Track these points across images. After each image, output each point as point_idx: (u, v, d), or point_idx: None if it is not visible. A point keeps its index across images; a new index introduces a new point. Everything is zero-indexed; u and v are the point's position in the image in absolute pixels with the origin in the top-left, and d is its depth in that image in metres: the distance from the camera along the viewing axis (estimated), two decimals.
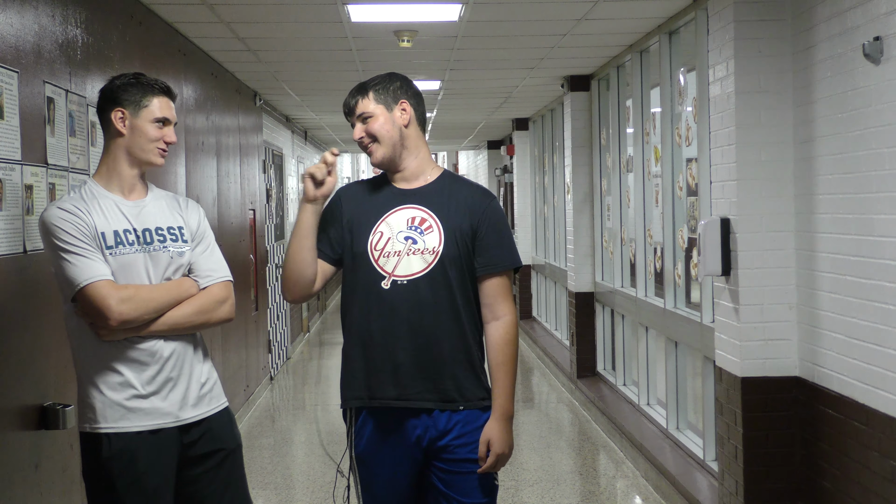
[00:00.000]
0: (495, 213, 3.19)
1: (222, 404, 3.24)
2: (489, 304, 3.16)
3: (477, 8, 5.96)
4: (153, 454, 3.05)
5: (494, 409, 3.14)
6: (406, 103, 3.20)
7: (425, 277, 3.10)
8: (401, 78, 3.25)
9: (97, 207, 3.06)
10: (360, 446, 3.17)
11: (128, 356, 3.04)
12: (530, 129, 13.26)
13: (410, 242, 3.12)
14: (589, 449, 7.33)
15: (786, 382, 4.92)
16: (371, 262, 3.12)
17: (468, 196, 3.19)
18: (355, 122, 3.21)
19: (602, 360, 9.12)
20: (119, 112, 3.11)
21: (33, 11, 3.99)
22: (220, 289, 3.20)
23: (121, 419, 3.03)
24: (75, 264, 2.97)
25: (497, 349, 3.14)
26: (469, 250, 3.14)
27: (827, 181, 4.55)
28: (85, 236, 3.00)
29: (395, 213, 3.17)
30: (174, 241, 3.15)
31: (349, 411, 3.19)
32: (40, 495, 3.88)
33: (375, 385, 3.11)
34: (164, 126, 3.15)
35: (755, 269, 4.93)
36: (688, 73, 6.35)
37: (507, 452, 3.14)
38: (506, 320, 3.15)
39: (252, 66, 7.92)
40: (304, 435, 7.95)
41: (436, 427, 3.12)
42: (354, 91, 3.22)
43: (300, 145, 13.74)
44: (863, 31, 4.13)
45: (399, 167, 3.21)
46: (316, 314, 15.15)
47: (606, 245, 8.85)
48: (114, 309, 2.95)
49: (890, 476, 4.01)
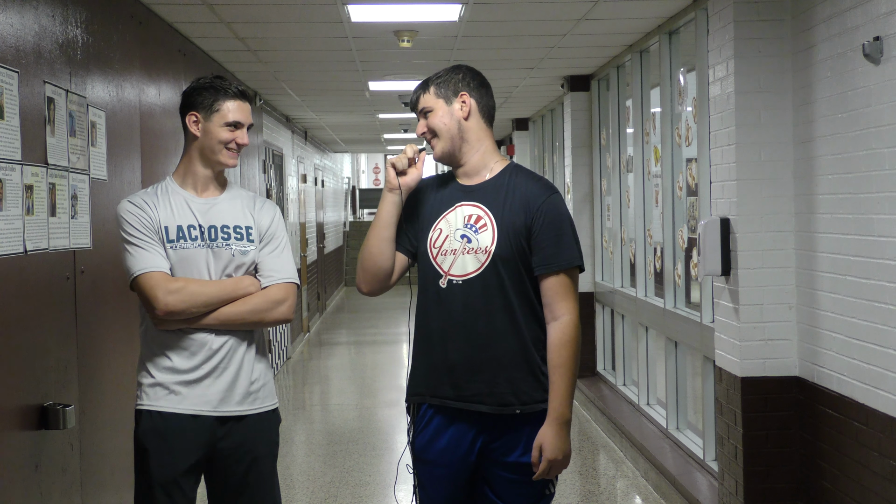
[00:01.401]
0: (553, 209, 3.03)
1: (268, 406, 3.31)
2: (548, 304, 3.02)
3: (477, 8, 5.97)
4: (187, 438, 3.18)
5: (549, 413, 3.00)
6: (466, 95, 3.11)
7: (479, 278, 3.02)
8: (465, 69, 3.16)
9: (167, 203, 3.23)
10: (420, 443, 3.12)
11: (179, 344, 3.19)
12: (530, 129, 13.27)
13: (465, 241, 3.05)
14: (589, 449, 7.33)
15: (786, 382, 4.93)
16: (430, 259, 3.08)
17: (526, 191, 3.06)
18: (419, 117, 3.16)
19: (602, 359, 9.12)
20: (193, 116, 3.25)
21: (33, 11, 3.99)
22: (279, 290, 3.27)
23: (162, 399, 3.19)
24: (133, 255, 3.16)
25: (554, 350, 3.00)
26: (524, 248, 3.02)
27: (827, 181, 4.55)
28: (147, 229, 3.17)
29: (455, 209, 3.10)
30: (239, 240, 3.25)
31: (412, 407, 3.16)
32: (40, 495, 3.87)
33: (435, 383, 3.07)
34: (235, 129, 3.25)
35: (755, 269, 4.93)
36: (688, 73, 6.36)
37: (560, 458, 3.00)
38: (564, 320, 3.00)
39: (252, 66, 7.92)
40: (304, 435, 7.95)
41: (491, 430, 3.05)
42: (418, 87, 3.17)
43: (300, 145, 13.74)
44: (863, 32, 4.13)
45: (460, 161, 3.13)
46: (316, 314, 15.15)
47: (606, 245, 8.85)
48: (160, 299, 3.10)
49: (890, 476, 4.01)
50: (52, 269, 4.06)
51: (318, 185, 16.43)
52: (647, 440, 6.64)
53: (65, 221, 4.15)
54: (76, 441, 4.24)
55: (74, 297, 4.30)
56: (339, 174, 20.83)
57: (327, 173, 18.46)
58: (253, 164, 9.39)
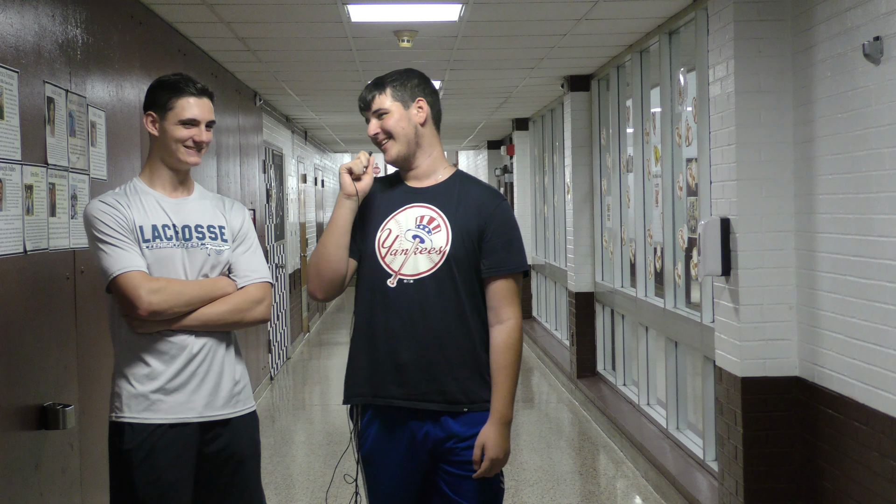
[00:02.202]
0: (503, 215, 3.13)
1: (249, 408, 3.26)
2: (494, 307, 3.10)
3: (477, 8, 5.96)
4: (173, 449, 3.09)
5: (492, 414, 3.06)
6: (423, 101, 3.16)
7: (431, 277, 3.06)
8: (418, 75, 3.20)
9: (138, 203, 3.15)
10: (365, 447, 3.14)
11: (157, 348, 3.10)
12: (530, 129, 13.26)
13: (418, 241, 3.09)
14: (589, 449, 7.33)
15: (786, 382, 4.92)
16: (378, 259, 3.10)
17: (478, 196, 3.14)
18: (370, 117, 3.17)
19: (602, 360, 9.12)
20: (150, 115, 3.20)
21: (33, 11, 3.99)
22: (256, 289, 3.22)
23: (144, 410, 3.09)
24: (110, 255, 3.06)
25: (500, 353, 3.07)
26: (475, 251, 3.09)
27: (827, 181, 4.55)
28: (122, 228, 3.08)
29: (404, 210, 3.14)
30: (213, 240, 3.20)
31: (355, 410, 3.16)
32: (40, 495, 3.87)
33: (379, 383, 3.09)
34: (192, 127, 3.17)
35: (755, 269, 4.93)
36: (688, 73, 6.35)
37: (501, 458, 3.06)
38: (509, 325, 3.08)
39: (252, 66, 7.92)
40: (304, 435, 7.95)
41: (441, 429, 3.09)
42: (371, 86, 3.17)
43: (300, 145, 13.74)
44: (863, 32, 4.13)
45: (412, 165, 3.18)
46: (316, 314, 15.15)
47: (606, 245, 8.85)
48: (144, 299, 3.01)
49: (890, 476, 4.01)
50: (52, 269, 4.06)
51: (318, 185, 16.43)
52: (647, 440, 6.64)
53: (65, 221, 4.15)
54: (76, 441, 4.23)
55: (74, 297, 4.30)
56: None
57: (327, 173, 18.46)
58: (253, 164, 9.39)
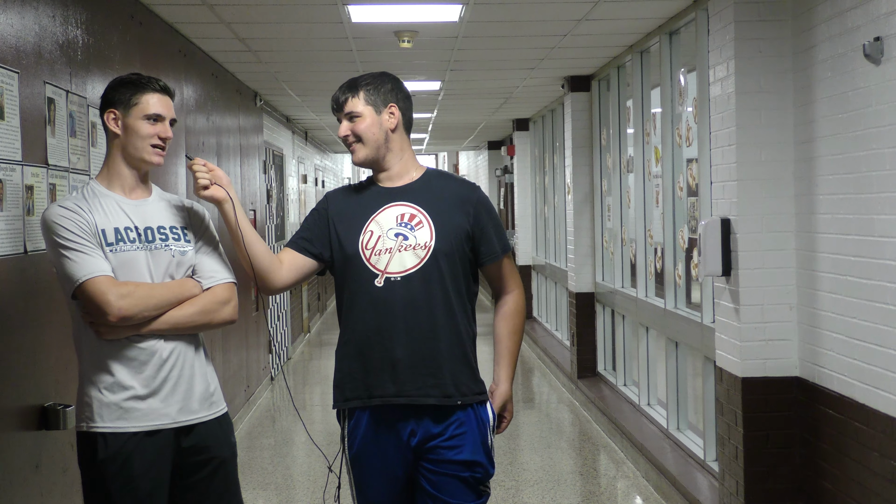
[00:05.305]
0: (486, 204, 3.24)
1: (221, 410, 3.20)
2: (501, 282, 3.26)
3: (477, 8, 5.97)
4: (148, 457, 3.02)
5: (506, 375, 3.23)
6: (395, 107, 3.20)
7: (419, 272, 3.10)
8: (392, 79, 3.23)
9: (98, 206, 3.04)
10: (353, 448, 3.15)
11: (126, 355, 3.00)
12: (531, 129, 13.26)
13: (401, 239, 3.12)
14: (589, 449, 7.33)
15: (786, 383, 4.92)
16: (363, 261, 3.12)
17: (456, 189, 3.22)
18: (342, 118, 3.21)
19: (602, 360, 9.12)
20: (112, 113, 3.08)
21: (34, 12, 4.00)
22: (223, 290, 3.16)
23: (117, 419, 3.00)
24: (75, 260, 2.95)
25: (510, 317, 3.24)
26: (462, 243, 3.15)
27: (827, 181, 4.55)
28: (85, 233, 2.97)
29: (383, 211, 3.17)
30: (176, 241, 3.13)
31: (342, 413, 3.18)
32: (40, 496, 3.88)
33: (374, 384, 3.10)
34: (157, 122, 3.09)
35: (755, 269, 4.93)
36: (688, 73, 6.35)
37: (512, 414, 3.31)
38: (516, 293, 3.26)
39: (252, 66, 7.92)
40: (304, 435, 7.95)
41: (428, 428, 3.11)
42: (345, 87, 3.20)
43: (300, 146, 13.74)
44: (863, 32, 4.13)
45: (383, 167, 3.23)
46: (316, 314, 15.15)
47: (607, 245, 8.85)
48: (113, 304, 2.91)
49: (890, 476, 4.01)
50: (53, 269, 4.05)
51: (319, 185, 16.43)
52: (647, 440, 6.64)
53: None
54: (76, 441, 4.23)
55: None
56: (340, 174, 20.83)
57: (328, 174, 18.45)
58: (253, 164, 9.39)
